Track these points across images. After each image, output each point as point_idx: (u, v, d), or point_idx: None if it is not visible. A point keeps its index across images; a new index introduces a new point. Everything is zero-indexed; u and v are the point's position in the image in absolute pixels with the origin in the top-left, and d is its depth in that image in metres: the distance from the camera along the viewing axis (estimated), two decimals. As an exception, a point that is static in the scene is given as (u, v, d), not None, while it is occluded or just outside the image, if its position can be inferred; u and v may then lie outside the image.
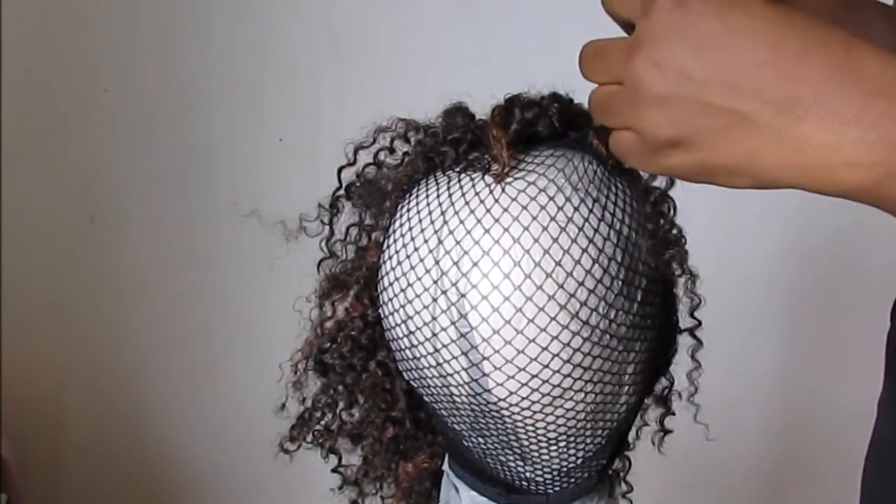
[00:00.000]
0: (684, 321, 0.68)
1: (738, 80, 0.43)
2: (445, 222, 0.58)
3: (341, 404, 0.69)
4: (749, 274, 1.53)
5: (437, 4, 1.51)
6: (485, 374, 0.58)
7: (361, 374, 0.66)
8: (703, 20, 0.44)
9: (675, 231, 0.62)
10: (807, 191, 0.45)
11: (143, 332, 1.71)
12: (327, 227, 0.66)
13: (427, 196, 0.60)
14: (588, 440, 0.62)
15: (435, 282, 0.58)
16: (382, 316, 0.63)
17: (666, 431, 0.72)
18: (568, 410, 0.59)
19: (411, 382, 0.64)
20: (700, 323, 0.69)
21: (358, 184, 0.65)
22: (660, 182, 0.62)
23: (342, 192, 0.66)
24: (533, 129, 0.60)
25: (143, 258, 1.67)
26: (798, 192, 0.46)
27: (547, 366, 0.57)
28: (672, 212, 0.62)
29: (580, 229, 0.56)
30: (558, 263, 0.56)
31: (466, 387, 0.59)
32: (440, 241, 0.58)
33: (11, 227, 1.59)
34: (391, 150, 0.64)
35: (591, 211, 0.57)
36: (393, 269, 0.60)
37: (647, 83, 0.45)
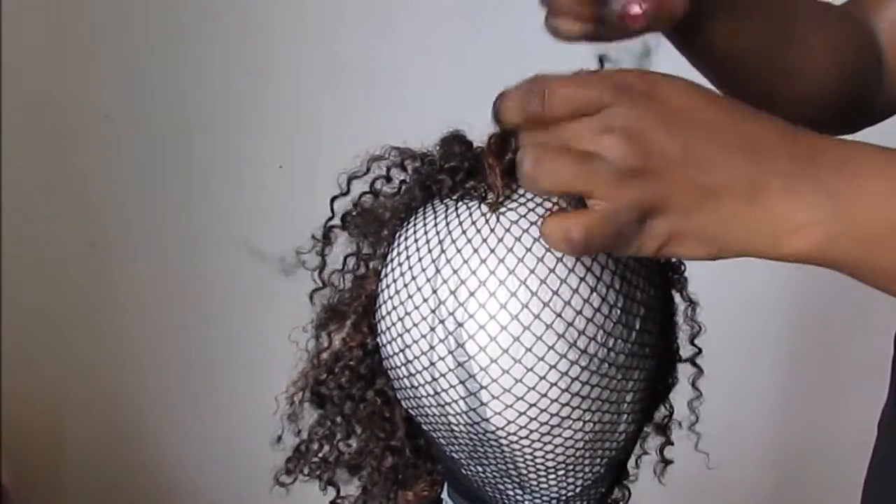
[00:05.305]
0: (684, 349, 0.67)
1: (715, 157, 0.47)
2: (443, 251, 0.58)
3: (339, 435, 0.68)
4: (748, 298, 1.53)
5: (437, 33, 1.51)
6: (483, 404, 0.58)
7: (360, 404, 0.66)
8: (681, 109, 0.48)
9: (674, 258, 0.62)
10: (760, 257, 0.49)
11: (143, 358, 1.71)
12: (319, 258, 0.66)
13: (425, 225, 0.60)
14: (587, 469, 0.62)
15: (433, 311, 0.57)
16: (381, 344, 0.63)
17: (667, 462, 0.72)
18: (566, 439, 0.59)
19: (409, 411, 0.64)
20: (700, 351, 0.69)
21: (355, 213, 0.65)
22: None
23: (336, 221, 0.66)
24: None
25: (144, 284, 1.67)
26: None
27: (545, 395, 0.57)
28: None
29: (577, 258, 0.56)
30: (555, 293, 0.56)
31: (464, 416, 0.59)
32: (437, 271, 0.58)
33: (12, 252, 1.59)
34: (388, 179, 0.64)
35: None
36: (391, 297, 0.60)
37: (624, 155, 0.47)
